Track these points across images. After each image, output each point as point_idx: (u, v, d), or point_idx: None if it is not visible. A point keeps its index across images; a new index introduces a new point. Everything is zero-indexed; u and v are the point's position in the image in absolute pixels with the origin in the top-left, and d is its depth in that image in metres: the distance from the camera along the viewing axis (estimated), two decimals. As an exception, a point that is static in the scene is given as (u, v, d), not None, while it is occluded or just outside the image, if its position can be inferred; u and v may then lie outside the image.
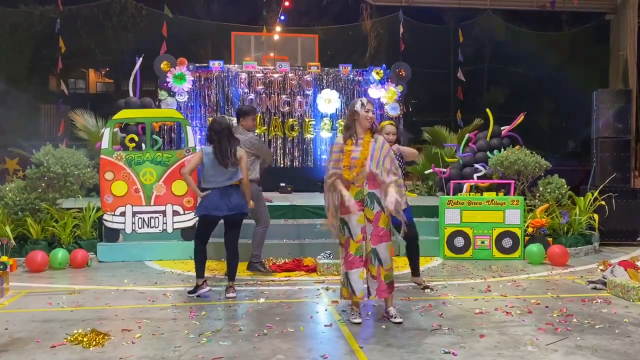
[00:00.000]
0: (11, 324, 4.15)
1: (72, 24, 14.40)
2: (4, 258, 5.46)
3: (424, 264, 6.53)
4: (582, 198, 7.75)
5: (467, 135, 9.86)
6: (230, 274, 5.11)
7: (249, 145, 5.72)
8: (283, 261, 6.48)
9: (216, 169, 4.96)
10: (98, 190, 7.20)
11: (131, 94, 9.88)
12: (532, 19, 15.97)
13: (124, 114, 7.52)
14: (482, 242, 6.93)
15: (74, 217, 6.93)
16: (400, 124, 11.14)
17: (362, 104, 4.22)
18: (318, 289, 5.32)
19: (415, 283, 5.38)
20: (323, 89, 11.60)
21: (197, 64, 11.37)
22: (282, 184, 10.57)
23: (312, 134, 11.59)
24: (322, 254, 6.19)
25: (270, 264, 6.39)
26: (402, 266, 6.16)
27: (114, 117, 7.37)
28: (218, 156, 4.94)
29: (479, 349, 3.57)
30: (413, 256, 5.29)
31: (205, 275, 5.13)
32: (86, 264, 6.49)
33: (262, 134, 11.37)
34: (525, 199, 7.33)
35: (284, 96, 11.43)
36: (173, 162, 6.98)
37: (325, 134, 11.57)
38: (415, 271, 5.35)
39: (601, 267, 5.76)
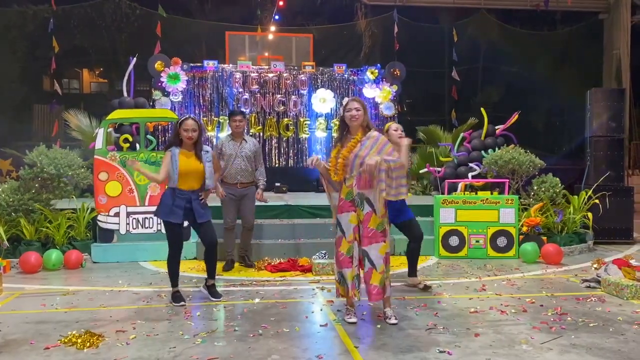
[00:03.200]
0: (5, 325, 4.13)
1: (65, 23, 14.33)
2: (-3, 259, 5.43)
3: (419, 263, 6.53)
4: (576, 197, 7.77)
5: (461, 135, 9.87)
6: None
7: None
8: (278, 261, 6.48)
9: None
10: (92, 190, 7.16)
11: (125, 94, 9.82)
12: (526, 19, 16.04)
13: (118, 114, 7.49)
14: (477, 241, 6.95)
15: (68, 218, 6.90)
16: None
17: (344, 106, 4.30)
18: (313, 289, 5.32)
19: (412, 284, 5.35)
20: (318, 88, 11.61)
21: (192, 64, 11.36)
22: (277, 184, 10.57)
23: (307, 134, 11.59)
24: (317, 254, 6.19)
25: (265, 264, 6.39)
26: (397, 265, 6.17)
27: (107, 117, 7.34)
28: None
29: (474, 348, 3.58)
30: (413, 256, 5.28)
31: (200, 276, 5.11)
32: (80, 265, 6.46)
33: (257, 133, 11.37)
34: (519, 198, 7.35)
35: (279, 96, 11.43)
36: (167, 162, 6.94)
37: (320, 134, 11.57)
38: (412, 271, 5.34)
39: (595, 266, 5.79)
